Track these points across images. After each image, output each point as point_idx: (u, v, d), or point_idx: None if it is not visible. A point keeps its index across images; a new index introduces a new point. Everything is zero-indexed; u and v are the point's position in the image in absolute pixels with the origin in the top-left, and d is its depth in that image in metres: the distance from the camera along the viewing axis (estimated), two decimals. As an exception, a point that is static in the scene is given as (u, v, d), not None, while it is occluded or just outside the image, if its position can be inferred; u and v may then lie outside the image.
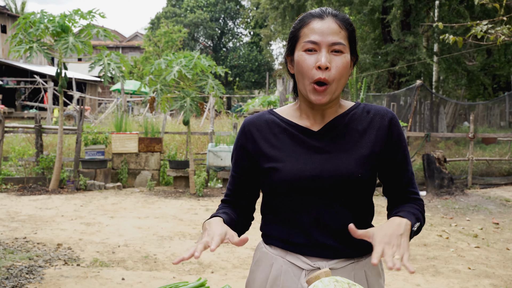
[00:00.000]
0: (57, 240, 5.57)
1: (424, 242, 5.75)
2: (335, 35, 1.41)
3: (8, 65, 27.19)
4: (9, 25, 28.34)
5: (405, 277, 4.56)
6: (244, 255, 5.14)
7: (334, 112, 1.51)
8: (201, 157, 10.71)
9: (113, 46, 39.48)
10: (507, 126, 16.65)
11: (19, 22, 8.31)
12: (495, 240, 5.96)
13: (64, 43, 8.06)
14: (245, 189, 1.59)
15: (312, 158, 1.46)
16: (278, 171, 1.46)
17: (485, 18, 11.46)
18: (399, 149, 1.50)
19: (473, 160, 9.99)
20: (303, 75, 1.42)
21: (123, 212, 7.19)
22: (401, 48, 15.23)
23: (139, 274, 4.49)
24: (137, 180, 9.61)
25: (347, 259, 1.49)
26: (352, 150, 1.46)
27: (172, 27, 29.42)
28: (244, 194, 1.59)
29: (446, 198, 8.45)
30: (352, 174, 1.43)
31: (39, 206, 7.39)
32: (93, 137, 9.39)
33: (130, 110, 22.57)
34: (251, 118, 1.57)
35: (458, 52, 14.74)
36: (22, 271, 4.41)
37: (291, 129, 1.51)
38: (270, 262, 1.54)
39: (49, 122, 18.02)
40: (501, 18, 6.01)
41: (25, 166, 9.43)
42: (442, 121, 15.25)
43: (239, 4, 41.32)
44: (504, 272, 4.76)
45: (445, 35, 6.38)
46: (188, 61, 8.14)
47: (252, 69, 39.24)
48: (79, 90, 27.58)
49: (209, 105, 17.89)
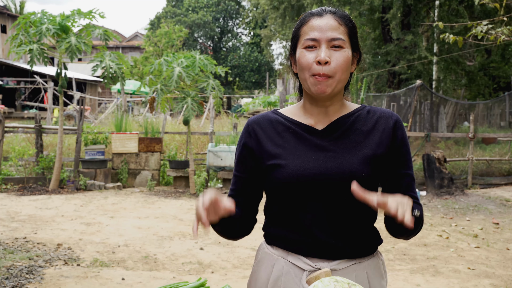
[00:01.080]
0: (57, 240, 5.57)
1: (424, 242, 5.75)
2: (334, 30, 1.43)
3: (8, 65, 27.19)
4: (9, 25, 28.35)
5: (405, 277, 4.57)
6: (244, 255, 5.14)
7: (338, 111, 1.52)
8: (201, 157, 10.71)
9: (113, 46, 39.48)
10: (507, 126, 16.65)
11: (19, 22, 8.30)
12: (495, 240, 5.96)
13: (67, 45, 8.04)
14: (249, 188, 1.56)
15: (316, 156, 1.46)
16: (282, 168, 1.46)
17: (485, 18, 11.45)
18: (401, 152, 1.50)
19: (473, 160, 9.99)
20: (304, 70, 1.44)
21: (123, 212, 7.19)
22: (401, 48, 15.23)
23: (139, 274, 4.49)
24: (137, 180, 9.61)
25: (349, 260, 1.49)
26: (356, 149, 1.47)
27: (173, 27, 29.41)
28: (248, 193, 1.57)
29: (446, 198, 8.46)
30: (355, 172, 1.43)
31: (39, 206, 7.39)
32: (93, 137, 9.39)
33: (130, 110, 22.56)
34: (254, 118, 1.58)
35: (458, 52, 14.74)
36: (22, 271, 4.41)
37: (295, 127, 1.51)
38: (271, 262, 1.53)
39: (49, 122, 18.02)
40: (501, 18, 6.01)
41: (25, 166, 9.43)
42: (442, 121, 15.25)
43: (239, 5, 41.31)
44: (504, 272, 4.76)
45: (445, 34, 6.37)
46: (190, 63, 8.13)
47: (252, 69, 39.24)
48: (79, 90, 27.57)
49: (209, 105, 17.89)
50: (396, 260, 5.08)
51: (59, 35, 8.29)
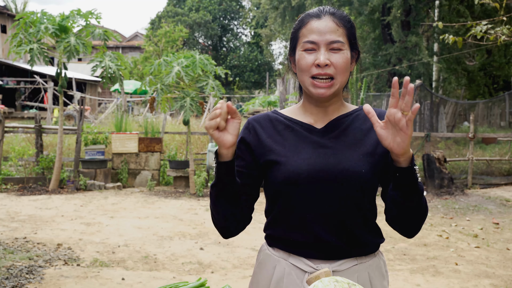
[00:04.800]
0: (57, 240, 5.57)
1: (424, 242, 5.75)
2: (333, 33, 1.43)
3: (8, 65, 27.18)
4: (9, 25, 28.34)
5: (405, 277, 4.57)
6: (244, 255, 5.14)
7: (337, 110, 1.53)
8: (201, 157, 10.71)
9: (113, 46, 39.44)
10: (507, 126, 16.65)
11: (19, 22, 8.31)
12: (495, 240, 5.96)
13: (66, 45, 8.04)
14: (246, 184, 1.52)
15: (316, 153, 1.46)
16: (282, 166, 1.46)
17: (485, 18, 11.45)
18: None
19: (473, 160, 9.99)
20: (303, 72, 1.45)
21: (123, 212, 7.19)
22: (402, 48, 15.22)
23: (139, 274, 4.49)
24: (137, 180, 9.61)
25: (351, 260, 1.48)
26: (355, 147, 1.47)
27: (173, 27, 29.39)
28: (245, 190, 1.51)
29: (446, 198, 8.45)
30: (356, 169, 1.43)
31: (39, 206, 7.39)
32: (93, 137, 9.39)
33: (130, 110, 22.54)
34: (254, 116, 1.59)
35: (458, 52, 14.74)
36: (22, 271, 4.41)
37: (294, 126, 1.52)
38: (273, 264, 1.53)
39: (49, 122, 18.01)
40: (501, 18, 6.01)
41: (25, 166, 9.43)
42: (442, 121, 15.26)
43: (239, 4, 41.30)
44: (504, 272, 4.76)
45: (445, 35, 6.38)
46: (190, 63, 8.13)
47: (252, 69, 39.22)
48: (79, 90, 27.56)
49: (209, 105, 17.89)
50: (396, 260, 5.08)
51: (58, 35, 8.29)
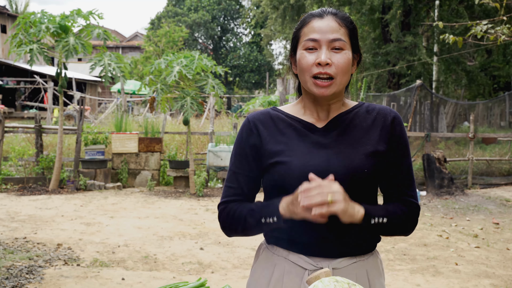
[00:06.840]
0: (57, 240, 5.57)
1: (424, 242, 5.75)
2: (335, 32, 1.43)
3: (8, 65, 27.18)
4: (9, 25, 28.33)
5: (405, 277, 4.57)
6: (244, 255, 5.14)
7: (338, 109, 1.53)
8: (201, 157, 10.71)
9: (113, 46, 39.43)
10: (507, 126, 16.65)
11: (19, 22, 8.31)
12: (495, 240, 5.96)
13: (64, 44, 8.04)
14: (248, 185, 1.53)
15: (319, 152, 1.46)
16: (285, 165, 1.46)
17: (485, 18, 11.45)
18: (400, 148, 1.50)
19: (473, 160, 9.99)
20: (304, 71, 1.44)
21: (123, 212, 7.19)
22: (401, 48, 15.22)
23: (139, 274, 4.49)
24: (137, 180, 9.61)
25: (350, 258, 1.49)
26: (357, 145, 1.47)
27: (173, 27, 29.38)
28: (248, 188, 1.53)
29: (446, 198, 8.45)
30: (359, 168, 1.43)
31: (39, 206, 7.39)
32: (93, 137, 9.38)
33: (130, 110, 22.54)
34: (255, 114, 1.56)
35: (458, 52, 14.74)
36: (22, 271, 4.41)
37: (296, 124, 1.51)
38: (272, 262, 1.53)
39: (49, 122, 18.01)
40: (501, 18, 6.01)
41: (25, 166, 9.43)
42: (442, 121, 15.26)
43: (239, 4, 41.29)
44: (504, 272, 4.76)
45: (445, 35, 6.37)
46: (189, 62, 8.13)
47: (252, 69, 39.21)
48: (79, 90, 27.55)
49: (209, 105, 17.87)
50: (396, 260, 5.08)
51: (58, 34, 8.29)
